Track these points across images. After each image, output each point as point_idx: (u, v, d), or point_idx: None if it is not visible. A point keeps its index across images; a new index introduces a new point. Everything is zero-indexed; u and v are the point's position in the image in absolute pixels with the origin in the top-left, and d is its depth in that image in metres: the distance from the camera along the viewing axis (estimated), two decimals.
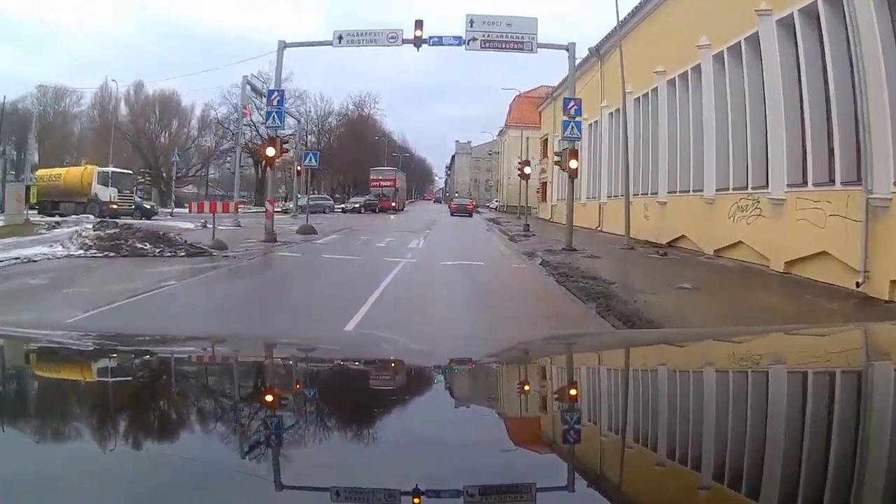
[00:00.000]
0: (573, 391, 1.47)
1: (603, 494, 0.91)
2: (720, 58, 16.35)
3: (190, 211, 22.02)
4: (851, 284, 10.57)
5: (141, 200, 36.24)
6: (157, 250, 13.70)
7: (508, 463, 0.98)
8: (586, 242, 19.57)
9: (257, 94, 29.36)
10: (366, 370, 1.68)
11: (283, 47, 19.67)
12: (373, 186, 61.43)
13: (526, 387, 1.53)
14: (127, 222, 16.62)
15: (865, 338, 2.00)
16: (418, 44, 19.10)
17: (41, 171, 38.83)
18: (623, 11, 21.62)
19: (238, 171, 29.35)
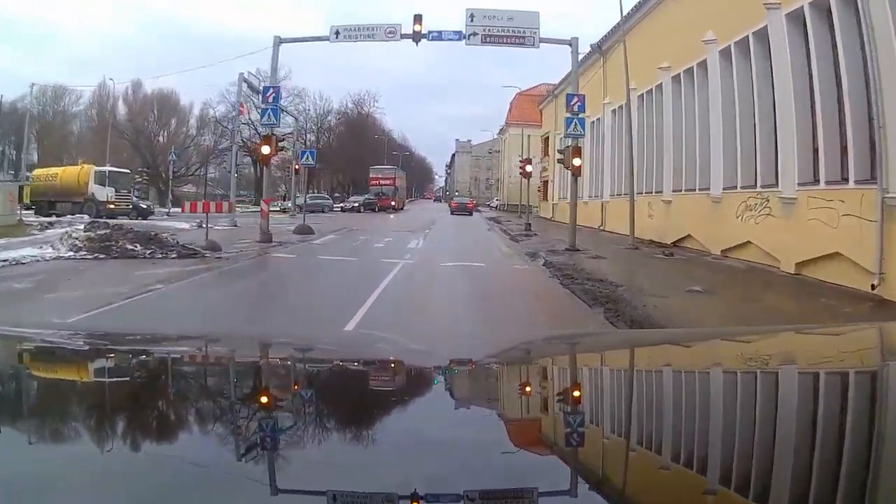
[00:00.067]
0: (575, 392, 1.44)
1: (606, 499, 0.88)
2: (727, 53, 16.02)
3: (182, 211, 21.65)
4: (866, 287, 10.29)
5: (137, 200, 35.95)
6: (148, 252, 13.39)
7: (509, 465, 0.96)
8: (589, 242, 19.22)
9: (254, 92, 29.02)
10: (364, 370, 1.65)
11: (279, 43, 19.31)
12: (372, 185, 61.01)
13: (527, 388, 1.51)
14: (118, 223, 16.30)
15: (881, 337, 1.96)
16: (417, 39, 18.62)
17: (37, 171, 38.69)
18: (626, 7, 21.24)
19: (234, 170, 29.12)
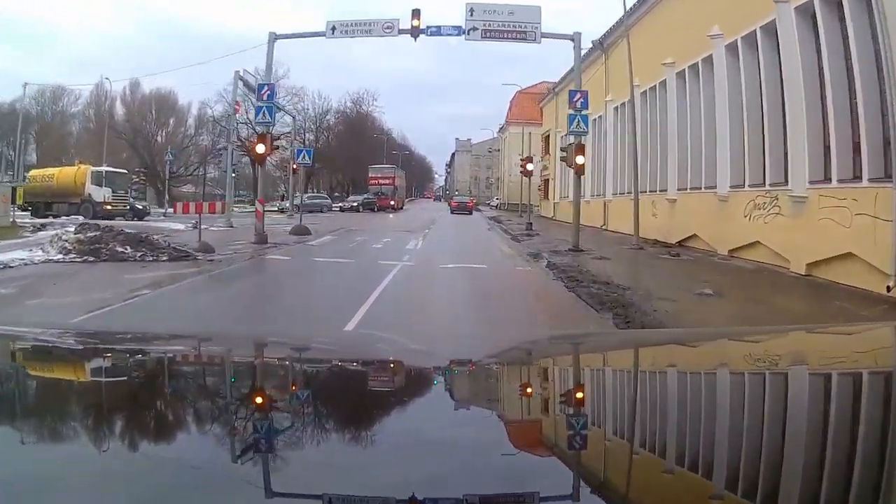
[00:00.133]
0: (577, 393, 1.41)
1: (608, 503, 0.86)
2: (734, 48, 15.64)
3: (175, 212, 21.24)
4: (880, 289, 9.92)
5: (133, 201, 35.55)
6: (139, 254, 13.03)
7: (509, 468, 0.94)
8: (593, 242, 18.84)
9: (251, 91, 28.66)
10: (362, 371, 1.64)
11: (274, 39, 18.92)
12: (371, 184, 60.57)
13: (528, 388, 1.48)
14: (109, 225, 15.92)
15: (895, 336, 1.89)
16: (415, 34, 18.19)
17: (34, 172, 38.39)
18: (629, 1, 20.86)
19: (230, 170, 28.69)
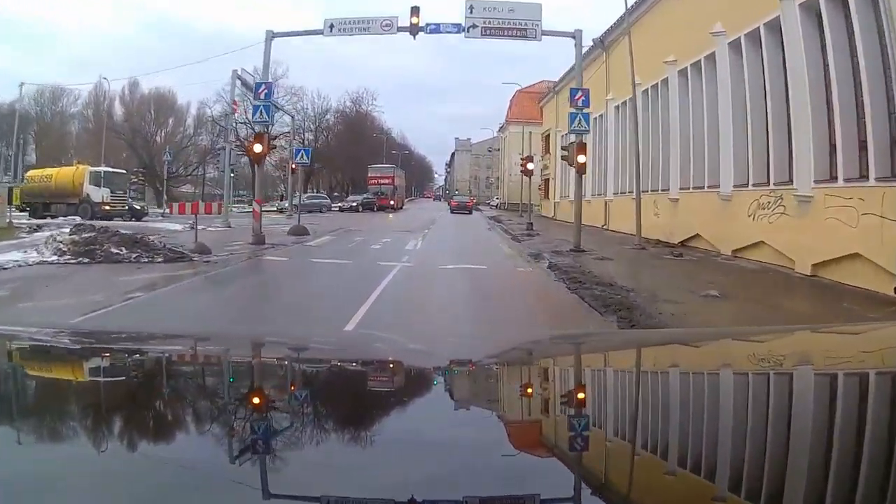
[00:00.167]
0: (579, 394, 1.38)
1: None
2: (737, 45, 15.44)
3: (171, 212, 20.99)
4: (888, 290, 9.77)
5: (131, 201, 35.36)
6: (134, 256, 12.83)
7: (510, 469, 0.93)
8: (594, 242, 18.62)
9: (249, 90, 28.45)
10: (361, 371, 1.62)
11: (271, 37, 18.69)
12: (371, 184, 60.33)
13: (528, 389, 1.45)
14: (104, 225, 15.73)
15: None
16: (414, 32, 17.93)
17: (32, 172, 38.25)
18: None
19: (227, 170, 28.50)
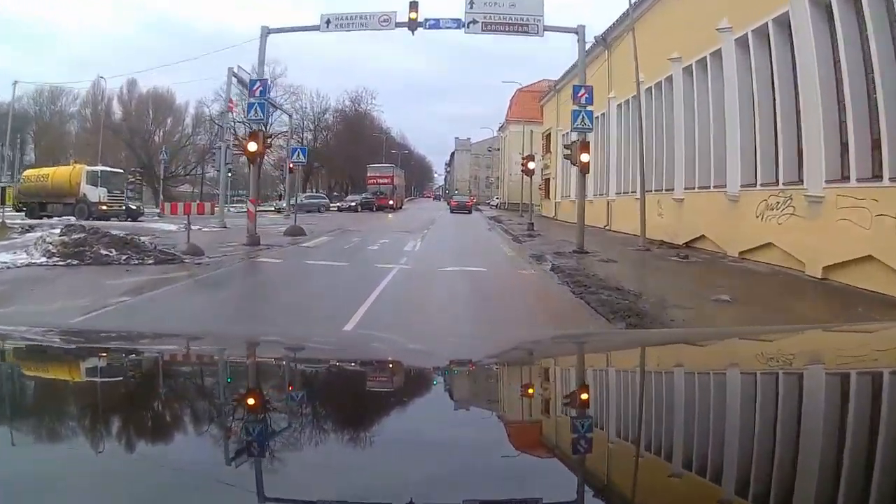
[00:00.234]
0: (581, 395, 1.36)
1: None
2: (744, 41, 15.06)
3: (163, 212, 20.64)
4: None
5: (128, 201, 35.01)
6: (124, 257, 12.45)
7: (510, 471, 0.92)
8: (597, 243, 18.22)
9: (246, 88, 28.05)
10: (360, 371, 1.60)
11: (267, 33, 18.32)
12: (370, 184, 59.91)
13: (529, 389, 1.43)
14: (94, 226, 15.35)
15: None
16: (413, 27, 17.51)
17: (28, 171, 37.87)
18: None
19: (223, 169, 28.16)
